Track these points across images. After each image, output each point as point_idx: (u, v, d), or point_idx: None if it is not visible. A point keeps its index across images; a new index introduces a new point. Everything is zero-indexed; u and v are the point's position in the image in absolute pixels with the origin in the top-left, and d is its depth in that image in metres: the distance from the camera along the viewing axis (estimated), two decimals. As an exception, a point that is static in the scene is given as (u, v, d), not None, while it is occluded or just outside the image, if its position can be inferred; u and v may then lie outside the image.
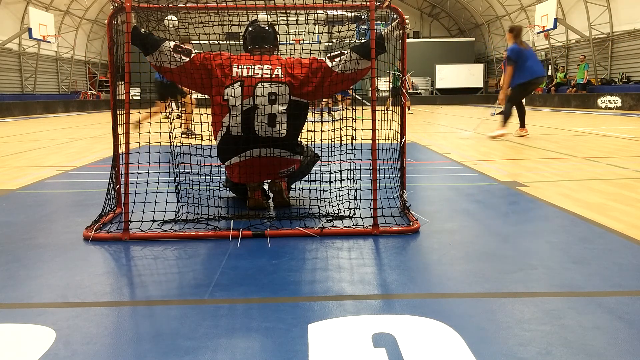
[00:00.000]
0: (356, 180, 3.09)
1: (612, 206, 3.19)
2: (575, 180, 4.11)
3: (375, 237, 2.61)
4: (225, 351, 1.46)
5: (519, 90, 7.64)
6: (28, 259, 2.31)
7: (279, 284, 1.99)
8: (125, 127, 2.66)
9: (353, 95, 7.54)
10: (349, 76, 2.94)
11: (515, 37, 7.58)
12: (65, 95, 25.32)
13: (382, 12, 2.93)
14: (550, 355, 1.42)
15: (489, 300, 1.81)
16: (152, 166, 2.87)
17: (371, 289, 1.93)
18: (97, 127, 11.80)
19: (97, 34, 27.58)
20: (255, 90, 2.91)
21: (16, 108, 19.08)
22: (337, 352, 1.45)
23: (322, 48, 21.41)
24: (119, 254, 2.41)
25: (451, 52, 29.03)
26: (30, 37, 19.77)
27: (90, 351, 1.47)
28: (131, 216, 2.66)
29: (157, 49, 2.86)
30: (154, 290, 1.96)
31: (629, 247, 2.40)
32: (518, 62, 7.44)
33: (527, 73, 7.46)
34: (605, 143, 6.85)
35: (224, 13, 3.06)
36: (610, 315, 1.66)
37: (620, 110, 16.92)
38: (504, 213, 3.10)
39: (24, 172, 4.91)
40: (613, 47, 19.93)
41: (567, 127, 9.89)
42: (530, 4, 23.06)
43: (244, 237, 2.58)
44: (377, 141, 2.73)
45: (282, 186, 3.26)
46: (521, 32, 7.72)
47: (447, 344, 1.49)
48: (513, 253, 2.33)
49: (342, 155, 3.16)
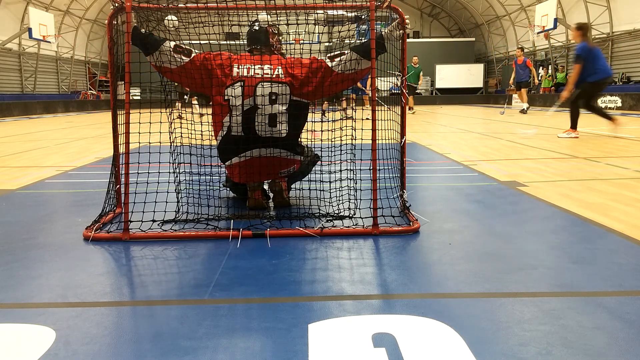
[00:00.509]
0: (356, 180, 3.09)
1: (612, 206, 3.19)
2: (575, 180, 4.11)
3: (375, 237, 2.61)
4: (225, 351, 1.46)
5: (590, 89, 7.40)
6: (28, 259, 2.31)
7: (279, 284, 1.99)
8: (125, 127, 2.66)
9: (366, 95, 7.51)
10: (349, 76, 2.95)
11: (584, 35, 7.39)
12: (65, 95, 25.33)
13: (382, 12, 2.93)
14: (550, 355, 1.42)
15: (489, 300, 1.81)
16: (152, 166, 2.87)
17: (371, 289, 1.93)
18: (97, 127, 11.80)
19: (97, 34, 27.58)
20: (256, 90, 2.92)
21: (16, 108, 19.09)
22: (337, 352, 1.45)
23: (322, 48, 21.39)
24: (119, 254, 2.41)
25: (451, 52, 29.04)
26: (30, 37, 19.78)
27: (90, 351, 1.47)
28: (131, 216, 2.66)
29: (158, 49, 2.87)
30: (154, 290, 1.96)
31: (629, 247, 2.40)
32: (587, 60, 7.24)
33: (599, 72, 7.26)
34: (605, 143, 6.84)
35: (224, 13, 3.06)
36: (610, 315, 1.66)
37: (620, 110, 16.92)
38: (504, 213, 3.09)
39: (24, 172, 4.91)
40: (613, 47, 19.93)
41: (567, 127, 9.88)
42: (530, 4, 23.06)
43: (244, 237, 2.58)
44: (377, 141, 2.73)
45: (282, 186, 3.26)
46: (589, 30, 7.50)
47: (447, 344, 1.49)
48: (513, 253, 2.33)
49: (342, 155, 3.16)
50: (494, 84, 29.22)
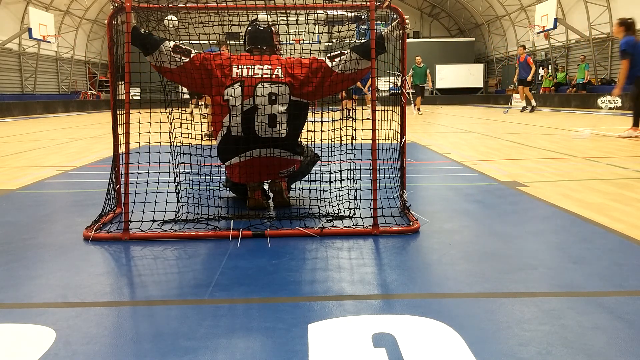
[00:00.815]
0: (356, 180, 3.09)
1: (612, 206, 3.19)
2: (575, 180, 4.11)
3: (375, 237, 2.61)
4: (225, 351, 1.46)
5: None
6: (28, 259, 2.31)
7: (279, 284, 1.99)
8: (125, 127, 2.66)
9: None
10: (349, 76, 2.95)
11: (627, 29, 7.29)
12: (65, 95, 25.33)
13: (382, 12, 2.93)
14: (550, 355, 1.42)
15: (489, 300, 1.81)
16: (152, 166, 2.87)
17: (371, 289, 1.93)
18: (97, 127, 11.80)
19: (97, 34, 27.58)
20: (256, 91, 2.92)
21: (16, 108, 19.09)
22: (337, 352, 1.45)
23: (322, 48, 21.40)
24: (119, 254, 2.41)
25: (451, 52, 29.04)
26: (30, 37, 19.78)
27: (90, 351, 1.47)
28: (131, 216, 2.66)
29: (157, 49, 2.87)
30: (154, 290, 1.96)
31: (629, 247, 2.40)
32: (635, 54, 7.14)
33: None
34: (605, 143, 6.84)
35: (224, 13, 3.06)
36: (610, 315, 1.66)
37: (621, 110, 16.92)
38: (504, 213, 3.09)
39: (24, 172, 4.91)
40: (613, 47, 19.92)
41: (567, 127, 9.89)
42: (530, 4, 23.06)
43: (244, 237, 2.58)
44: (377, 141, 2.73)
45: (282, 186, 3.26)
46: (634, 25, 7.35)
47: (447, 344, 1.49)
48: (513, 253, 2.33)
49: (342, 155, 3.16)
50: (494, 84, 29.22)
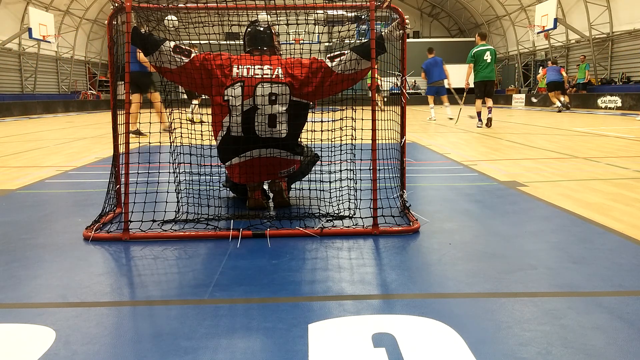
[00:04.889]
0: (356, 180, 3.09)
1: (612, 206, 3.19)
2: (575, 180, 4.11)
3: (375, 237, 2.61)
4: (225, 351, 1.46)
5: None
6: (28, 259, 2.31)
7: (279, 284, 1.99)
8: (125, 127, 2.66)
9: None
10: (349, 76, 2.95)
11: None
12: (65, 95, 25.33)
13: (382, 12, 2.93)
14: (550, 355, 1.42)
15: (489, 300, 1.81)
16: (152, 166, 2.87)
17: (371, 289, 1.93)
18: (97, 127, 11.80)
19: (97, 34, 27.59)
20: (256, 91, 2.91)
21: (16, 108, 19.09)
22: (337, 352, 1.45)
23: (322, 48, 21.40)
24: (119, 254, 2.41)
25: (451, 52, 29.01)
26: (30, 37, 19.78)
27: (90, 351, 1.47)
28: (131, 216, 2.66)
29: (157, 49, 2.87)
30: (154, 290, 1.96)
31: (629, 247, 2.40)
32: None
33: None
34: (605, 143, 6.84)
35: (224, 13, 3.06)
36: (610, 315, 1.66)
37: (620, 110, 16.92)
38: (504, 213, 3.09)
39: (24, 172, 4.91)
40: (613, 47, 19.94)
41: (567, 127, 9.89)
42: (530, 4, 23.06)
43: (244, 237, 2.58)
44: (377, 141, 2.73)
45: (282, 186, 3.26)
46: None
47: (447, 344, 1.49)
48: (513, 253, 2.33)
49: (342, 155, 3.16)
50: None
